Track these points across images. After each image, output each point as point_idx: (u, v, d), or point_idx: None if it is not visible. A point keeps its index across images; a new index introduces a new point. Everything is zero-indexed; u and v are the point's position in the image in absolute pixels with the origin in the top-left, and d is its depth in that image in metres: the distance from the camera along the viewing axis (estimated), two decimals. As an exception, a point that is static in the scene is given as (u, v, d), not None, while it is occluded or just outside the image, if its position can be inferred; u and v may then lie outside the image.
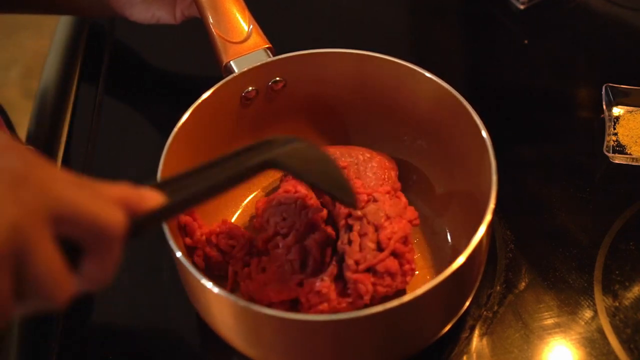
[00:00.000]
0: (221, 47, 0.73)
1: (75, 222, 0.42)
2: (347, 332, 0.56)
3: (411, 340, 0.62)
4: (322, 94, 0.75)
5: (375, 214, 0.64)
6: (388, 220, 0.64)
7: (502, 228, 0.74)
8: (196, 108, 0.68)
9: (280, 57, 0.72)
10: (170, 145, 0.65)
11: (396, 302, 0.54)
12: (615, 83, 0.82)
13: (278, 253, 0.65)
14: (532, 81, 0.90)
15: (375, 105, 0.75)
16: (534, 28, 0.95)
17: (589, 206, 0.76)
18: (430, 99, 0.70)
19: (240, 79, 0.71)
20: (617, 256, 0.72)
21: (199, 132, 0.69)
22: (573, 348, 0.67)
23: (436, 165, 0.74)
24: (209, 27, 0.75)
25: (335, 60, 0.73)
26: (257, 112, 0.74)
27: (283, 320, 0.56)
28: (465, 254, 0.57)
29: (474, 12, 0.98)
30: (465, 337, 0.67)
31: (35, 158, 0.42)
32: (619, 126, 0.81)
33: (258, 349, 0.61)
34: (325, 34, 0.95)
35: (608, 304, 0.69)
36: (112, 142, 0.86)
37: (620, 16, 0.95)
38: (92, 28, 0.97)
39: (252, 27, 0.74)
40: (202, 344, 0.69)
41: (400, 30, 0.99)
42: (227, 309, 0.58)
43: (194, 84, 0.89)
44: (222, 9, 0.75)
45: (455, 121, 0.68)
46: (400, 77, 0.71)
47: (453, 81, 0.68)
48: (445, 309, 0.62)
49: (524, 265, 0.72)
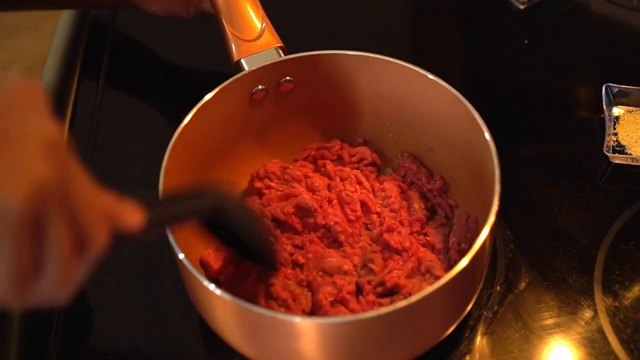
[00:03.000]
0: (233, 44, 0.73)
1: (73, 214, 0.41)
2: (351, 334, 0.56)
3: (415, 342, 0.62)
4: (331, 96, 0.75)
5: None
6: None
7: (502, 228, 0.74)
8: (203, 105, 0.68)
9: (292, 57, 0.72)
10: (174, 144, 0.65)
11: (401, 304, 0.54)
12: (615, 83, 0.82)
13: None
14: (532, 81, 0.90)
15: (382, 108, 0.75)
16: (534, 28, 0.95)
17: (589, 206, 0.76)
18: (436, 102, 0.70)
19: (250, 77, 0.71)
20: (617, 256, 0.72)
21: (205, 131, 0.69)
22: (573, 348, 0.67)
23: (440, 166, 0.75)
24: (222, 24, 0.74)
25: (346, 62, 0.73)
26: (265, 112, 0.74)
27: (285, 322, 0.56)
28: (469, 255, 0.57)
29: (474, 12, 0.98)
30: (465, 337, 0.67)
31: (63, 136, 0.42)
32: (619, 126, 0.81)
33: (260, 351, 0.61)
34: (335, 34, 0.95)
35: (608, 304, 0.69)
36: (113, 142, 0.86)
37: (620, 16, 0.95)
38: (92, 27, 0.97)
39: (265, 26, 0.74)
40: (204, 345, 0.69)
41: (401, 30, 0.99)
42: (228, 311, 0.58)
43: (199, 82, 0.88)
44: (236, 5, 0.75)
45: (460, 124, 0.68)
46: (408, 80, 0.71)
47: (453, 81, 0.68)
48: (449, 310, 0.62)
49: (524, 265, 0.72)
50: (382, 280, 0.65)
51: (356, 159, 0.76)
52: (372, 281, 0.66)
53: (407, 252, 0.68)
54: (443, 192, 0.73)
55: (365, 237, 0.71)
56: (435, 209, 0.73)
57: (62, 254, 0.40)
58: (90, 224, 0.42)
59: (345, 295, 0.65)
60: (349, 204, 0.72)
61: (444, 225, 0.71)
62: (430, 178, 0.74)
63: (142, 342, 0.70)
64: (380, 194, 0.74)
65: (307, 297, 0.66)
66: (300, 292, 0.66)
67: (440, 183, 0.72)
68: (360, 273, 0.68)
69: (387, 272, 0.66)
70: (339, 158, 0.77)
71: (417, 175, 0.74)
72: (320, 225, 0.71)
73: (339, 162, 0.77)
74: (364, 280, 0.66)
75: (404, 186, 0.74)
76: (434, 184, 0.73)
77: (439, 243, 0.69)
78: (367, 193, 0.73)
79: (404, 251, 0.68)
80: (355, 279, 0.67)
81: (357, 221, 0.72)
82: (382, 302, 0.65)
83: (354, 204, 0.72)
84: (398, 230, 0.69)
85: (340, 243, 0.71)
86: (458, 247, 0.67)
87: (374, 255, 0.68)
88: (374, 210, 0.72)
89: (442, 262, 0.68)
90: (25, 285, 0.40)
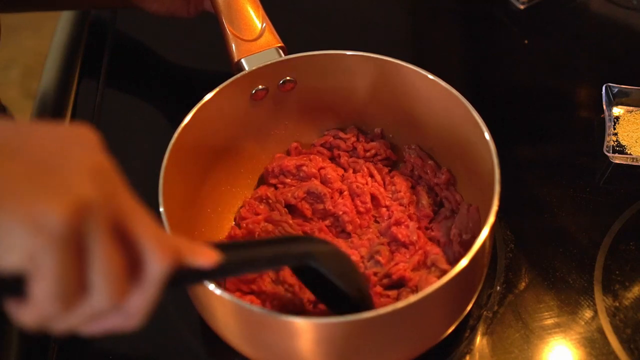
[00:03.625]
0: (233, 44, 0.73)
1: (127, 239, 0.41)
2: (351, 334, 0.56)
3: (415, 342, 0.62)
4: (331, 96, 0.75)
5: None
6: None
7: (502, 228, 0.74)
8: (203, 105, 0.68)
9: (292, 57, 0.72)
10: (174, 144, 0.65)
11: (401, 304, 0.54)
12: (615, 83, 0.82)
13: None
14: (532, 81, 0.90)
15: (381, 108, 0.75)
16: (534, 28, 0.95)
17: (589, 206, 0.76)
18: (436, 102, 0.70)
19: (250, 77, 0.71)
20: (617, 256, 0.72)
21: (205, 131, 0.69)
22: (573, 348, 0.67)
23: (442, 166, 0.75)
24: (222, 24, 0.74)
25: (346, 62, 0.73)
26: (265, 112, 0.74)
27: (285, 322, 0.56)
28: (469, 255, 0.57)
29: (474, 12, 0.98)
30: (465, 337, 0.67)
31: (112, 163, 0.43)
32: (619, 126, 0.81)
33: (260, 351, 0.61)
34: (335, 34, 0.95)
35: (608, 304, 0.69)
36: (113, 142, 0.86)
37: (620, 16, 0.95)
38: (92, 27, 0.97)
39: (265, 25, 0.74)
40: (204, 345, 0.69)
41: (401, 30, 0.99)
42: (228, 311, 0.58)
43: (199, 82, 0.88)
44: (237, 5, 0.75)
45: (460, 124, 0.68)
46: (408, 80, 0.71)
47: (453, 81, 0.68)
48: (450, 309, 0.62)
49: (524, 265, 0.72)
50: (388, 272, 0.66)
51: (371, 154, 0.76)
52: (378, 273, 0.67)
53: (414, 245, 0.68)
54: (450, 185, 0.73)
55: (374, 230, 0.72)
56: (443, 203, 0.73)
57: (110, 273, 0.40)
58: (146, 248, 0.42)
59: None
60: (360, 196, 0.72)
61: (448, 219, 0.72)
62: (438, 171, 0.74)
63: (142, 342, 0.70)
64: (391, 187, 0.74)
65: None
66: None
67: (446, 176, 0.72)
68: (366, 265, 0.68)
69: (393, 264, 0.66)
70: (354, 149, 0.77)
71: (424, 169, 0.74)
72: (329, 213, 0.72)
73: (354, 154, 0.77)
74: (370, 271, 0.67)
75: (413, 181, 0.75)
76: (441, 177, 0.73)
77: (443, 237, 0.69)
78: (378, 186, 0.74)
79: (411, 244, 0.69)
80: (363, 270, 0.67)
81: (366, 213, 0.72)
82: (389, 294, 0.65)
83: (364, 196, 0.72)
84: (406, 224, 0.70)
85: (348, 233, 0.71)
86: (460, 238, 0.67)
87: (381, 248, 0.68)
88: (384, 204, 0.73)
89: (446, 254, 0.68)
90: (70, 304, 0.40)
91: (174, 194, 0.64)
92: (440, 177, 0.73)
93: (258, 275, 0.66)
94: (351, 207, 0.72)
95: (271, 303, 0.65)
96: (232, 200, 0.75)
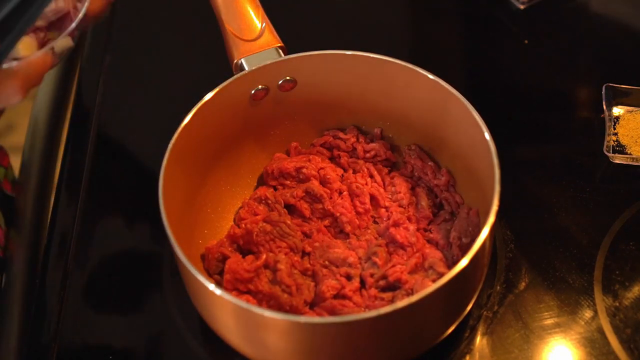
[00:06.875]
0: (233, 44, 0.73)
1: None
2: (351, 334, 0.56)
3: (415, 342, 0.62)
4: (331, 96, 0.75)
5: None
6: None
7: (502, 228, 0.74)
8: (203, 105, 0.68)
9: (292, 57, 0.72)
10: (174, 144, 0.65)
11: (401, 304, 0.54)
12: (615, 83, 0.82)
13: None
14: (532, 81, 0.90)
15: (382, 108, 0.75)
16: (534, 28, 0.95)
17: (589, 206, 0.76)
18: (436, 102, 0.70)
19: (250, 77, 0.71)
20: (617, 256, 0.72)
21: (205, 131, 0.69)
22: (573, 348, 0.67)
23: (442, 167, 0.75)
24: (222, 24, 0.74)
25: (346, 62, 0.72)
26: (265, 111, 0.74)
27: (285, 322, 0.56)
28: (469, 255, 0.57)
29: (474, 12, 0.98)
30: (465, 337, 0.67)
31: None
32: (619, 126, 0.81)
33: (260, 351, 0.61)
34: (335, 34, 0.95)
35: (608, 304, 0.69)
36: (113, 142, 0.86)
37: (620, 16, 0.95)
38: (92, 27, 0.97)
39: (265, 25, 0.74)
40: (204, 345, 0.69)
41: (401, 30, 0.99)
42: (228, 311, 0.58)
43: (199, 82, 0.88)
44: (236, 5, 0.75)
45: (460, 124, 0.68)
46: (408, 80, 0.71)
47: (453, 81, 0.68)
48: (450, 310, 0.62)
49: (524, 265, 0.72)
50: (385, 274, 0.66)
51: (370, 156, 0.76)
52: (375, 274, 0.66)
53: (412, 247, 0.68)
54: (450, 187, 0.73)
55: (372, 230, 0.72)
56: (442, 205, 0.73)
57: None
58: None
59: (347, 292, 0.65)
60: (359, 197, 0.72)
61: (447, 221, 0.71)
62: (437, 172, 0.74)
63: (142, 342, 0.70)
64: (390, 188, 0.74)
65: (309, 287, 0.66)
66: (303, 282, 0.66)
67: (446, 178, 0.72)
68: (363, 266, 0.68)
69: (390, 266, 0.66)
70: (354, 150, 0.77)
71: (424, 170, 0.74)
72: (328, 213, 0.72)
73: (354, 155, 0.77)
74: (366, 273, 0.67)
75: (413, 182, 0.75)
76: (440, 178, 0.73)
77: (442, 239, 0.69)
78: (378, 187, 0.74)
79: (409, 246, 0.68)
80: (360, 272, 0.67)
81: (365, 214, 0.72)
82: (384, 296, 0.65)
83: (363, 197, 0.72)
84: (405, 225, 0.70)
85: (346, 234, 0.71)
86: (459, 241, 0.67)
87: (378, 249, 0.68)
88: (383, 205, 0.73)
89: (445, 258, 0.68)
90: None
91: (174, 194, 0.64)
92: (440, 179, 0.73)
93: (255, 275, 0.65)
94: (350, 207, 0.72)
95: (267, 303, 0.65)
96: (231, 201, 0.75)
